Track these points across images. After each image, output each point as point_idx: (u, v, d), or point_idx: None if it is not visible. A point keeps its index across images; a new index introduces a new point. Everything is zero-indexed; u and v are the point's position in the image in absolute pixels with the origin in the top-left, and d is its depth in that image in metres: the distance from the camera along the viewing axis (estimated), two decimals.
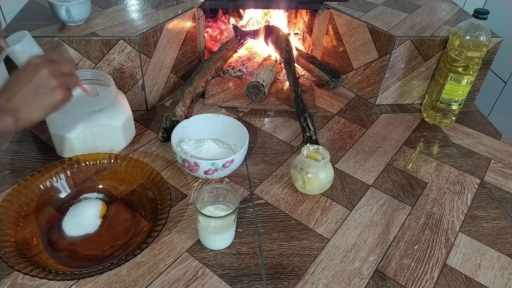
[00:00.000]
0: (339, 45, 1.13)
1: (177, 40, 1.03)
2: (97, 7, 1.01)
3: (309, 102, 1.06)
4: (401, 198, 0.82)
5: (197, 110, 1.03)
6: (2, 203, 0.69)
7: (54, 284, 0.63)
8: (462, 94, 0.97)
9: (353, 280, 0.67)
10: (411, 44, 1.00)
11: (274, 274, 0.67)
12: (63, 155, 0.83)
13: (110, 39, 0.89)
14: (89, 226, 0.71)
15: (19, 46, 0.77)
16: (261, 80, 1.03)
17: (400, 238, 0.74)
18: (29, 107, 0.62)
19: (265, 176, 0.85)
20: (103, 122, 0.81)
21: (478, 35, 0.90)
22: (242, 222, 0.75)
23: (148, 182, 0.77)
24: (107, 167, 0.80)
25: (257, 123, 1.00)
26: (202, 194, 0.69)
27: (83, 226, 0.71)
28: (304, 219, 0.76)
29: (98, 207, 0.73)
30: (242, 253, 0.70)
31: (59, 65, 0.65)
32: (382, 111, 1.08)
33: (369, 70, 1.07)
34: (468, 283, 0.68)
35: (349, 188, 0.84)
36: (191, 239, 0.71)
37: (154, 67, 0.98)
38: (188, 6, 1.05)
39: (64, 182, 0.77)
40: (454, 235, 0.76)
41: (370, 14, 1.09)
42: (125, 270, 0.65)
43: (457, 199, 0.83)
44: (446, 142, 0.99)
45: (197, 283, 0.64)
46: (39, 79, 0.62)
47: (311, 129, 0.93)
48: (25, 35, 0.78)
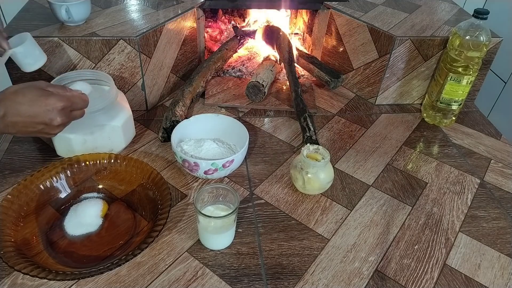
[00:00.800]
0: (339, 45, 1.13)
1: (177, 40, 1.03)
2: (97, 7, 1.01)
3: (309, 102, 1.06)
4: (401, 198, 0.82)
5: (197, 110, 1.03)
6: (2, 203, 0.69)
7: (54, 284, 0.63)
8: (462, 94, 0.97)
9: (353, 280, 0.67)
10: (411, 44, 1.00)
11: (274, 274, 0.67)
12: (63, 155, 0.83)
13: (110, 39, 0.89)
14: (91, 226, 0.71)
15: (21, 48, 0.77)
16: (261, 80, 1.03)
17: (400, 238, 0.74)
18: (20, 131, 0.64)
19: (265, 176, 0.85)
20: (103, 122, 0.81)
21: (478, 35, 0.90)
22: (242, 222, 0.75)
23: (148, 182, 0.77)
24: (107, 167, 0.80)
25: (257, 123, 1.00)
26: (202, 194, 0.69)
27: (85, 225, 0.71)
28: (304, 219, 0.76)
29: (99, 206, 0.74)
30: (242, 253, 0.70)
31: (74, 112, 0.68)
32: (382, 111, 1.08)
33: (369, 70, 1.07)
34: (468, 283, 0.68)
35: (349, 188, 0.84)
36: (191, 239, 0.71)
37: (154, 67, 0.98)
38: (188, 6, 1.05)
39: (64, 182, 0.77)
40: (454, 235, 0.76)
41: (370, 14, 1.09)
42: (125, 270, 0.65)
43: (457, 199, 0.83)
44: (446, 142, 0.99)
45: (197, 283, 0.64)
46: (48, 124, 0.64)
47: (311, 129, 0.93)
48: (26, 37, 0.78)
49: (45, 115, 0.63)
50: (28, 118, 0.62)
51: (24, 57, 0.78)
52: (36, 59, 0.80)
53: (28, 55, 0.79)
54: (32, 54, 0.79)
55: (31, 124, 0.63)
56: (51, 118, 0.64)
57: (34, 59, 0.80)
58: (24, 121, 0.62)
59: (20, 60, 0.78)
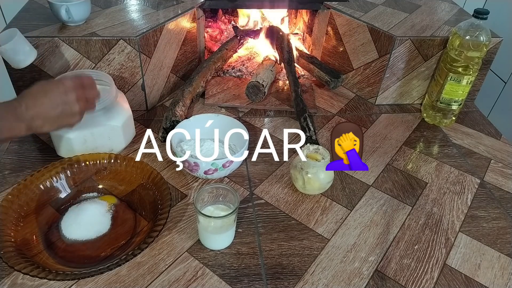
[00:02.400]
0: (339, 45, 1.13)
1: (177, 40, 1.03)
2: (97, 7, 1.01)
3: (309, 102, 1.06)
4: (401, 198, 0.82)
5: (197, 110, 1.03)
6: (2, 203, 0.69)
7: (54, 284, 0.63)
8: (462, 94, 0.97)
9: (353, 280, 0.67)
10: (411, 44, 1.00)
11: (274, 274, 0.67)
12: (63, 155, 0.83)
13: (110, 39, 0.89)
14: (97, 231, 0.71)
15: (10, 44, 0.76)
16: (261, 80, 1.03)
17: (400, 238, 0.74)
18: (46, 121, 0.65)
19: (265, 176, 0.85)
20: (103, 122, 0.81)
21: (478, 35, 0.90)
22: (242, 222, 0.75)
23: (148, 182, 0.77)
24: (107, 167, 0.80)
25: (257, 123, 1.00)
26: (202, 194, 0.69)
27: (92, 230, 0.70)
28: (304, 219, 0.76)
29: (102, 206, 0.73)
30: (242, 253, 0.70)
31: (87, 91, 0.69)
32: (382, 111, 1.08)
33: (369, 70, 1.07)
34: (468, 283, 0.68)
35: (349, 188, 0.84)
36: (191, 239, 0.71)
37: (154, 67, 0.98)
38: (188, 6, 1.05)
39: (64, 182, 0.77)
40: (454, 235, 0.76)
41: (370, 14, 1.09)
42: (125, 270, 0.65)
43: (457, 199, 0.83)
44: (446, 142, 0.99)
45: (197, 283, 0.64)
46: (66, 103, 0.65)
47: (311, 129, 0.93)
48: (15, 33, 0.77)
49: (62, 97, 0.65)
50: (47, 103, 0.64)
51: (14, 53, 0.77)
52: (27, 54, 0.79)
53: (18, 52, 0.77)
54: (22, 50, 0.78)
55: (51, 109, 0.65)
56: (68, 99, 0.66)
57: (25, 55, 0.79)
58: (44, 106, 0.64)
59: (10, 57, 0.77)
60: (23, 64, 0.79)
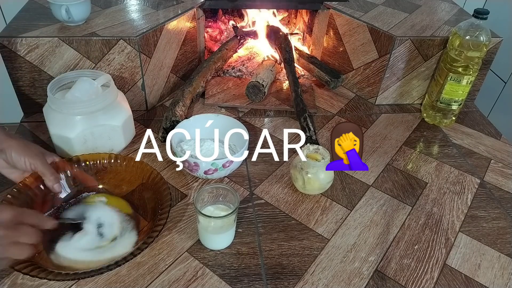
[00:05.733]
0: (339, 45, 1.13)
1: (177, 40, 1.03)
2: (97, 7, 1.01)
3: (309, 102, 1.06)
4: (401, 198, 0.82)
5: (197, 110, 1.03)
6: (2, 203, 0.68)
7: (54, 284, 0.63)
8: (462, 94, 0.97)
9: (353, 280, 0.67)
10: (411, 44, 1.00)
11: (274, 274, 0.67)
12: (63, 155, 0.83)
13: (110, 39, 0.89)
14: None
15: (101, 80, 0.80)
16: (261, 80, 1.03)
17: (400, 238, 0.74)
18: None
19: (265, 176, 0.85)
20: (103, 122, 0.81)
21: (478, 35, 0.90)
22: (242, 222, 0.75)
23: (148, 182, 0.77)
24: (107, 167, 0.79)
25: (257, 123, 1.00)
26: (202, 194, 0.69)
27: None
28: (304, 219, 0.76)
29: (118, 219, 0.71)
30: (242, 253, 0.70)
31: (22, 235, 0.55)
32: (382, 111, 1.08)
33: (369, 70, 1.07)
34: (468, 283, 0.68)
35: (349, 188, 0.84)
36: (191, 239, 0.71)
37: (154, 67, 0.98)
38: (188, 6, 1.05)
39: (64, 182, 0.76)
40: (454, 235, 0.76)
41: (370, 14, 1.09)
42: (125, 270, 0.65)
43: (457, 199, 0.83)
44: (446, 142, 0.99)
45: (197, 283, 0.64)
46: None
47: (311, 129, 0.93)
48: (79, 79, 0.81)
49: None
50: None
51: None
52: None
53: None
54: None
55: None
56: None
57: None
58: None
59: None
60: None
